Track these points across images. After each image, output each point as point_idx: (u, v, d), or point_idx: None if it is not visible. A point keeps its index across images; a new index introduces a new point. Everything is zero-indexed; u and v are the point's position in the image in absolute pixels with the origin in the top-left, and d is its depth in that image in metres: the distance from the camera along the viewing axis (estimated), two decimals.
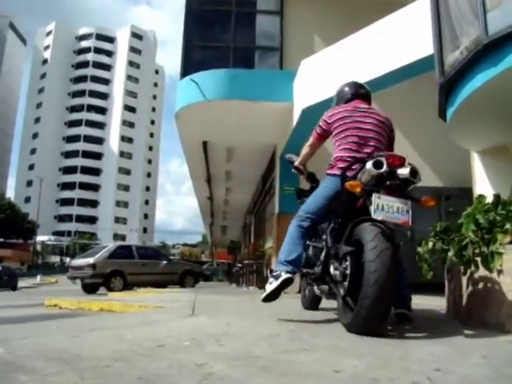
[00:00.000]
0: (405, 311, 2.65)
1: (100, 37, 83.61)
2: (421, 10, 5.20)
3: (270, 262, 11.03)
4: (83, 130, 78.19)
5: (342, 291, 2.45)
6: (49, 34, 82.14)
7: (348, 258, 2.43)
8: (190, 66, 10.00)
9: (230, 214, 21.34)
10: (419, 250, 2.83)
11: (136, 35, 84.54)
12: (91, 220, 74.47)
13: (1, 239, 46.87)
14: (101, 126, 79.61)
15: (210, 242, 46.09)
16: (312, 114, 6.23)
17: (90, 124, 79.03)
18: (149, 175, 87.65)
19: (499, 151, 4.16)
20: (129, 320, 3.30)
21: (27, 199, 69.23)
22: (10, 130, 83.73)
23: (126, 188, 79.13)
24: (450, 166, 7.67)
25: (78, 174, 76.39)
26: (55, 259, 55.01)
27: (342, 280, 2.46)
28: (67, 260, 41.04)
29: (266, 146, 10.85)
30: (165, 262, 12.83)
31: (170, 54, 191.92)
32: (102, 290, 11.06)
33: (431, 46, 4.24)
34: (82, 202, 75.45)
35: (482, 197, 2.63)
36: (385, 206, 2.27)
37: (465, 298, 2.65)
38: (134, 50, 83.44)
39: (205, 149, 11.05)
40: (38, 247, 52.09)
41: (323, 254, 2.74)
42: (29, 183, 71.47)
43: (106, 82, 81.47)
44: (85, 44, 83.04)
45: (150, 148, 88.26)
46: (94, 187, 76.95)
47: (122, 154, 79.66)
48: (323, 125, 2.98)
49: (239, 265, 17.59)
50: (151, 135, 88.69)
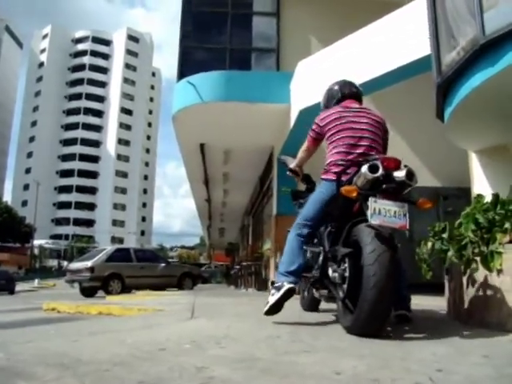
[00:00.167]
0: (405, 312, 2.64)
1: (96, 40, 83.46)
2: (417, 10, 5.23)
3: (268, 263, 11.03)
4: (80, 133, 78.00)
5: (341, 294, 2.44)
6: (45, 37, 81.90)
7: (346, 260, 2.42)
8: (186, 68, 10.02)
9: (228, 215, 21.33)
10: (418, 250, 2.83)
11: (132, 38, 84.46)
12: (89, 223, 74.21)
13: None
14: (97, 128, 79.49)
15: (207, 244, 46.07)
16: (309, 116, 6.18)
17: (87, 127, 78.88)
18: (146, 178, 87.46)
19: (497, 151, 4.17)
20: (128, 323, 3.29)
21: (24, 203, 68.96)
22: (6, 134, 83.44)
23: (123, 191, 78.96)
24: (447, 165, 7.69)
25: (75, 177, 76.22)
26: (53, 263, 54.65)
27: (341, 282, 2.44)
28: (65, 263, 40.95)
29: (264, 148, 10.86)
30: (163, 264, 12.80)
31: (165, 57, 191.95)
32: (101, 293, 11.03)
33: (428, 46, 4.25)
34: (80, 205, 75.22)
35: (480, 196, 2.63)
36: (382, 210, 2.23)
37: (465, 297, 2.65)
38: (130, 52, 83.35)
39: (202, 151, 11.05)
40: (36, 251, 51.81)
41: (321, 257, 2.73)
42: (26, 187, 71.10)
43: (102, 84, 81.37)
44: (81, 47, 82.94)
45: (147, 150, 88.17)
46: (91, 190, 76.79)
47: (119, 156, 79.52)
48: (316, 128, 2.94)
49: (237, 267, 17.57)
50: (148, 138, 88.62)
